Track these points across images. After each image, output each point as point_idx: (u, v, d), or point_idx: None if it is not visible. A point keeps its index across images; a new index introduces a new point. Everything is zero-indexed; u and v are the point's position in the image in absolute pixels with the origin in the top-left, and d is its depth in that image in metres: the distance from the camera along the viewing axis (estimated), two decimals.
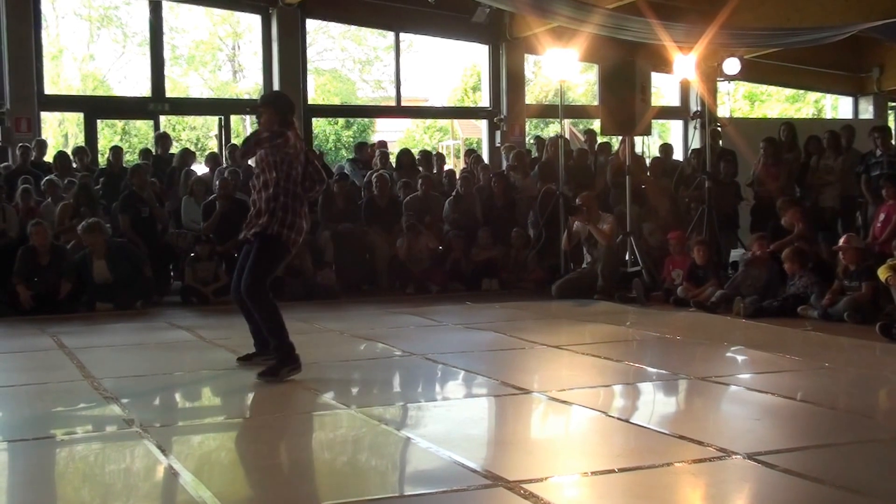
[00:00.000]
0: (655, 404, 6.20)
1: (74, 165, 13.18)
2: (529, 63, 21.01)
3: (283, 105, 6.74)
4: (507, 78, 18.19)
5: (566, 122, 18.35)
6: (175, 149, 15.39)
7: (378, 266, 12.23)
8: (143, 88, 19.59)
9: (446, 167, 15.68)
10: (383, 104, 26.01)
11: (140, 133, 25.66)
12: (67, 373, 6.85)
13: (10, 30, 15.08)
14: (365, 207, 12.47)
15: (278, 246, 6.56)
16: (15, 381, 6.53)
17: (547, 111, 20.80)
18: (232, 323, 9.39)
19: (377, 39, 28.05)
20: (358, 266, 12.16)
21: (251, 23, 20.88)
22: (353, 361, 7.63)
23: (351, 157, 15.52)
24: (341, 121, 28.63)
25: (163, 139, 14.38)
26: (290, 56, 16.72)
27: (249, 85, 26.31)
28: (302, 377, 6.50)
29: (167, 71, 17.72)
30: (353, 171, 13.93)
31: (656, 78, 15.72)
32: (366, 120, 28.23)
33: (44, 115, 16.82)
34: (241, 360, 7.04)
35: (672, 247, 11.11)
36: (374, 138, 24.28)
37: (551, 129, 23.51)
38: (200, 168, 14.21)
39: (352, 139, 26.57)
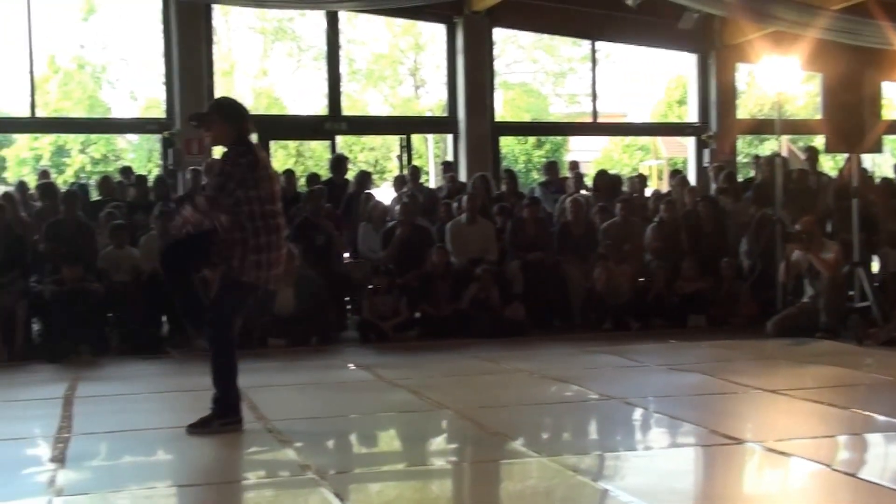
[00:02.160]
0: (887, 458, 6.01)
1: None
2: (742, 73, 20.65)
3: (234, 112, 6.38)
4: (716, 90, 17.94)
5: (784, 138, 17.90)
6: (352, 171, 15.81)
7: (572, 299, 12.23)
8: (318, 106, 20.30)
9: (648, 190, 15.59)
10: (578, 120, 26.01)
11: (315, 154, 26.57)
12: None
13: (182, 45, 15.79)
14: (558, 235, 12.53)
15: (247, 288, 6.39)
16: (185, 423, 6.90)
17: (762, 126, 20.36)
18: (414, 362, 9.69)
19: (571, 49, 28.21)
20: (550, 299, 12.20)
21: (434, 33, 21.35)
22: (545, 405, 7.67)
23: (542, 179, 15.62)
24: (532, 139, 28.84)
25: (338, 163, 14.56)
26: (476, 69, 16.96)
27: (432, 101, 26.88)
28: (489, 422, 6.60)
29: (344, 87, 18.25)
30: (545, 194, 14.01)
31: (888, 88, 15.18)
32: (559, 138, 28.36)
33: None
34: None
35: None
36: (568, 158, 24.41)
37: (767, 147, 23.01)
38: (381, 192, 14.44)
39: (543, 159, 26.70)
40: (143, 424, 6.93)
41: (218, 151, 6.59)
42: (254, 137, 6.43)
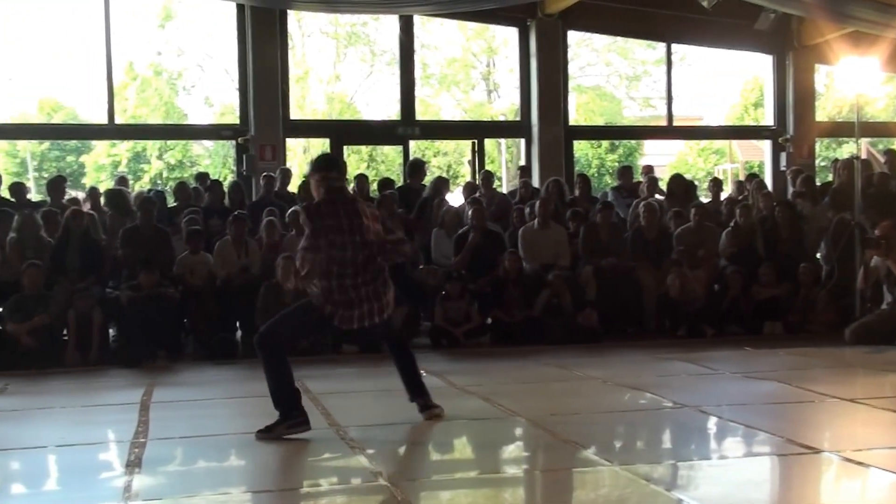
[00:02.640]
0: None
1: None
2: (821, 74, 20.39)
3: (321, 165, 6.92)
4: (793, 92, 17.74)
5: (863, 141, 17.65)
6: (428, 177, 15.81)
7: (646, 305, 12.16)
8: (391, 111, 20.43)
9: (724, 194, 15.44)
10: (652, 124, 25.92)
11: (388, 159, 26.74)
12: (312, 420, 7.23)
13: (256, 52, 16.00)
14: (631, 240, 12.47)
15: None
16: (257, 427, 6.93)
17: (840, 129, 20.11)
18: (484, 368, 9.70)
19: (646, 52, 28.09)
20: (623, 305, 12.14)
21: (508, 37, 21.40)
22: (617, 413, 7.62)
23: (615, 184, 15.55)
24: (605, 143, 28.72)
25: (417, 167, 14.55)
26: (549, 72, 16.97)
27: (505, 105, 26.90)
28: (560, 430, 6.59)
29: (417, 91, 18.30)
30: (618, 199, 13.96)
31: None
32: (633, 142, 28.20)
33: (288, 141, 17.69)
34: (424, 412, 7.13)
35: None
36: (642, 162, 24.28)
37: (845, 150, 22.68)
38: (452, 198, 14.44)
39: (616, 163, 26.61)
40: (218, 430, 7.02)
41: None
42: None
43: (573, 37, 19.94)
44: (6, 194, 13.17)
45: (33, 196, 16.22)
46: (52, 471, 6.44)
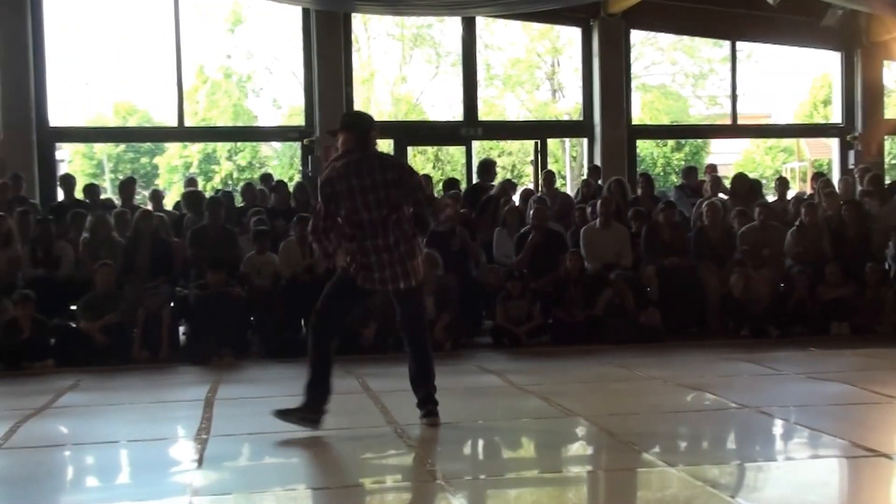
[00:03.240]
0: None
1: None
2: (890, 71, 20.01)
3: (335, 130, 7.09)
4: (862, 89, 17.45)
5: None
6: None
7: (709, 305, 12.03)
8: (455, 112, 20.47)
9: (790, 193, 15.21)
10: (718, 122, 25.62)
11: (453, 160, 26.77)
12: (372, 418, 7.25)
13: (322, 54, 16.16)
14: (694, 240, 12.33)
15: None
16: (320, 426, 6.96)
17: None
18: (545, 368, 9.66)
19: (711, 50, 27.84)
20: (686, 305, 12.02)
21: (572, 36, 21.31)
22: (679, 413, 7.53)
23: (679, 182, 15.40)
24: (670, 142, 28.49)
25: (487, 167, 14.37)
26: (612, 71, 16.90)
27: (569, 105, 26.80)
28: (620, 430, 6.52)
29: (481, 92, 18.35)
30: (682, 199, 13.82)
31: None
32: (698, 141, 27.94)
33: None
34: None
35: None
36: (707, 161, 24.04)
37: None
38: (516, 198, 14.37)
39: (682, 162, 26.39)
40: (280, 427, 7.03)
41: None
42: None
43: (637, 36, 19.84)
44: (79, 195, 13.38)
45: (110, 197, 16.49)
46: (122, 465, 6.54)
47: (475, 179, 14.81)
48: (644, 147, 23.42)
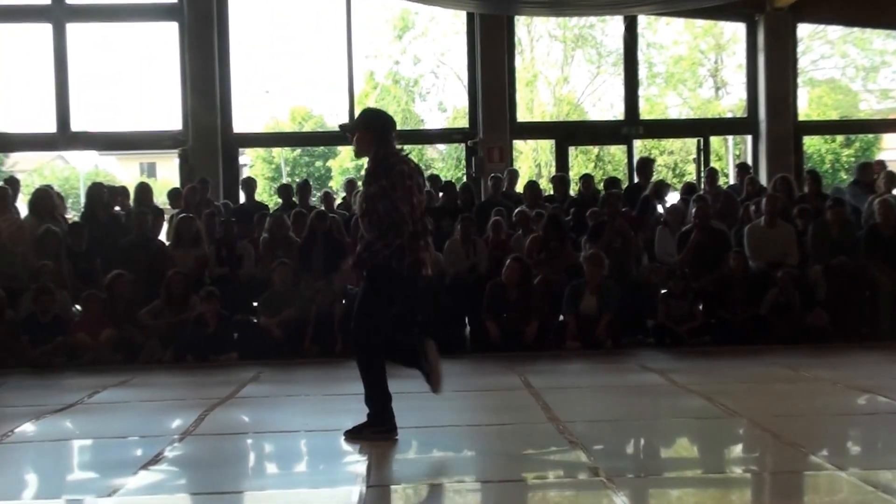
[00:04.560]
0: None
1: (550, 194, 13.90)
2: None
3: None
4: None
5: None
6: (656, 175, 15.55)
7: (881, 305, 11.59)
8: (616, 111, 20.32)
9: None
10: (891, 117, 24.69)
11: (614, 159, 26.55)
12: (533, 414, 7.25)
13: (485, 56, 16.29)
14: (865, 238, 11.88)
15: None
16: (483, 421, 7.04)
17: None
18: (708, 367, 9.50)
19: (885, 42, 26.76)
20: (856, 305, 11.61)
21: (736, 32, 20.86)
22: (849, 416, 7.31)
23: (851, 179, 14.88)
24: (839, 138, 27.59)
25: (644, 165, 14.45)
26: (778, 66, 16.49)
27: (733, 102, 26.24)
28: (786, 432, 6.35)
29: (643, 91, 18.20)
30: (856, 196, 13.32)
31: None
32: (869, 136, 26.97)
33: (515, 143, 17.92)
34: None
35: None
36: (880, 157, 23.16)
37: None
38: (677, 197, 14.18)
39: (852, 159, 25.51)
40: (445, 421, 7.14)
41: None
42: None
43: (804, 29, 19.24)
44: (261, 197, 13.85)
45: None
46: (299, 454, 6.71)
47: (636, 179, 14.65)
48: (811, 143, 22.74)
